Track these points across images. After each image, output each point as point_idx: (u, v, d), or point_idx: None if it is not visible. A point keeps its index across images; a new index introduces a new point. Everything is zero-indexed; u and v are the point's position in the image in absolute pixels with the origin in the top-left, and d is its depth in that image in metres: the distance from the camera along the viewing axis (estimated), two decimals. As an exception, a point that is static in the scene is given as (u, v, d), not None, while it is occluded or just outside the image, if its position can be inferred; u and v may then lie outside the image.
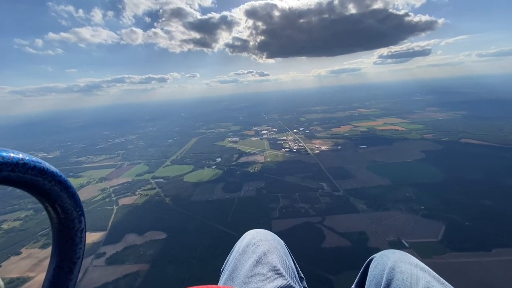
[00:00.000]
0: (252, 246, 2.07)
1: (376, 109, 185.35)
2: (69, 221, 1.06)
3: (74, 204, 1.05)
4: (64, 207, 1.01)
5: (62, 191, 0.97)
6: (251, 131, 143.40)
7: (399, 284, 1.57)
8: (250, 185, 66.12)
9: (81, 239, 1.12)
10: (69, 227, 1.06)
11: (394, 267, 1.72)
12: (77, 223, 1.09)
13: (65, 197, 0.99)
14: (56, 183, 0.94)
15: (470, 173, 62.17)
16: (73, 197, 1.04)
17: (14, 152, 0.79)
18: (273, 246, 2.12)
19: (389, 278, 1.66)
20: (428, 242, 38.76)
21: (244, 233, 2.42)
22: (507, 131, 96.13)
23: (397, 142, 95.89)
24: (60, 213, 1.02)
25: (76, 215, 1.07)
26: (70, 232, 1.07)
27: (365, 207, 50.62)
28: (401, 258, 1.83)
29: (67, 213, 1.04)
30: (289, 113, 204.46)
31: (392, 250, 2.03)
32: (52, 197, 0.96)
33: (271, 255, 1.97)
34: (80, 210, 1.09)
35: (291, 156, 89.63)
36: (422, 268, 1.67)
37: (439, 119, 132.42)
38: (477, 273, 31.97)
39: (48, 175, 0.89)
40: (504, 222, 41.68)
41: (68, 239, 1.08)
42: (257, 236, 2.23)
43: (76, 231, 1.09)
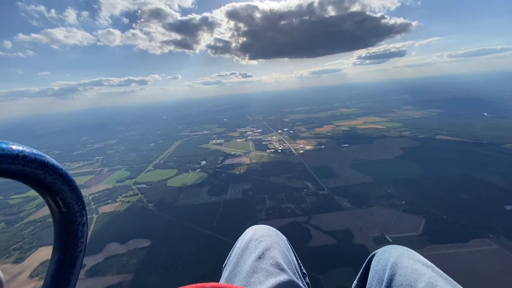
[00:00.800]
0: (255, 242, 2.07)
1: (357, 109, 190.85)
2: (70, 215, 1.06)
3: (76, 198, 1.05)
4: (65, 201, 1.02)
5: (63, 184, 0.97)
6: (235, 133, 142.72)
7: (401, 279, 1.57)
8: (236, 187, 65.62)
9: (83, 233, 1.13)
10: (70, 220, 1.07)
11: (396, 263, 1.71)
12: (79, 217, 1.09)
13: (66, 191, 1.00)
14: (57, 177, 0.94)
15: (445, 168, 65.37)
16: (75, 190, 1.04)
17: (15, 144, 0.79)
18: (276, 241, 2.11)
19: (392, 273, 1.65)
20: (410, 236, 40.17)
21: (246, 229, 2.40)
22: (477, 127, 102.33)
23: (377, 140, 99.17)
24: (62, 206, 1.02)
25: (78, 208, 1.08)
26: (71, 226, 1.08)
27: (349, 205, 51.72)
28: (403, 253, 1.81)
29: (69, 206, 1.04)
30: (273, 114, 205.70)
31: (394, 245, 2.01)
32: (53, 191, 0.96)
33: (273, 250, 1.96)
34: (81, 203, 1.09)
35: (276, 156, 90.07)
36: (425, 263, 1.65)
37: (415, 117, 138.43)
38: (457, 264, 33.51)
39: (48, 168, 0.89)
40: (479, 214, 44.11)
41: (70, 233, 1.08)
42: (259, 232, 2.23)
43: (78, 224, 1.09)
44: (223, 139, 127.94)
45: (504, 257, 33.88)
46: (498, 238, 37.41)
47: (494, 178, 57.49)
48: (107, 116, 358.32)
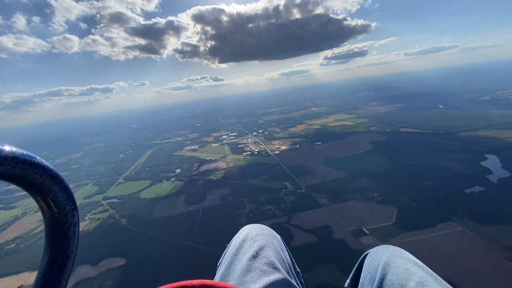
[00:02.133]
0: (249, 241, 2.08)
1: (326, 107, 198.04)
2: (62, 215, 1.06)
3: (67, 198, 1.06)
4: (56, 201, 1.02)
5: (54, 185, 0.97)
6: (210, 138, 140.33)
7: (393, 279, 1.61)
8: (214, 193, 64.19)
9: (74, 233, 1.13)
10: (62, 221, 1.07)
11: (388, 262, 1.76)
12: (70, 217, 1.10)
13: (57, 191, 1.00)
14: (47, 177, 0.94)
15: (411, 158, 69.98)
16: (66, 191, 1.04)
17: (4, 145, 0.78)
18: (270, 241, 2.11)
19: (383, 273, 1.70)
20: (385, 227, 42.12)
21: (241, 228, 2.41)
22: (435, 119, 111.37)
23: (348, 136, 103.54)
24: (53, 207, 1.03)
25: (69, 209, 1.08)
26: (63, 226, 1.08)
27: (327, 201, 53.05)
28: (395, 253, 1.86)
29: (60, 207, 1.04)
30: (247, 117, 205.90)
31: (387, 245, 2.05)
32: (44, 191, 0.96)
33: (267, 249, 1.98)
34: (73, 204, 1.10)
35: (253, 159, 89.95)
36: (416, 263, 1.71)
37: (380, 112, 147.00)
38: (427, 248, 35.71)
39: (39, 169, 0.89)
40: (443, 199, 47.64)
41: (61, 233, 1.09)
42: (254, 231, 2.23)
43: (69, 225, 1.10)
44: (197, 145, 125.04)
45: (468, 238, 36.84)
46: (462, 220, 40.66)
47: (453, 164, 62.69)
48: (70, 128, 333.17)
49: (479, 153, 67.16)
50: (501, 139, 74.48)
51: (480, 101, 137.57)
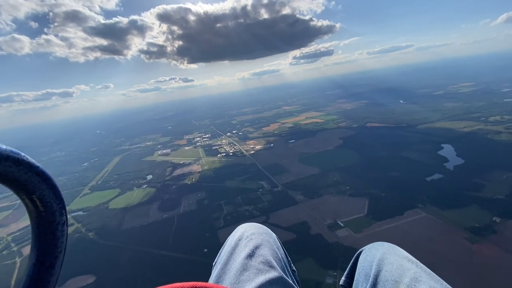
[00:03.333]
0: (245, 240, 2.08)
1: (298, 106, 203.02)
2: (49, 214, 1.02)
3: (54, 197, 1.02)
4: (43, 200, 0.98)
5: (40, 183, 0.94)
6: (183, 141, 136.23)
7: (387, 275, 1.63)
8: (189, 198, 62.30)
9: (63, 232, 1.10)
10: (49, 220, 1.03)
11: (382, 259, 1.77)
12: (58, 216, 1.06)
13: (43, 189, 0.96)
14: (33, 175, 0.90)
15: (378, 151, 74.22)
16: (53, 189, 1.01)
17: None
18: (266, 239, 2.11)
19: (378, 269, 1.71)
20: (358, 218, 44.05)
21: (236, 227, 2.38)
22: (397, 113, 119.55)
23: (319, 133, 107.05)
24: (39, 206, 0.98)
25: (57, 207, 1.04)
26: (50, 225, 1.04)
27: (303, 198, 54.19)
28: (389, 250, 1.87)
29: (47, 206, 1.00)
30: (220, 118, 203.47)
31: (381, 242, 2.05)
32: (29, 189, 0.92)
33: (263, 248, 1.98)
34: (60, 202, 1.06)
35: (228, 160, 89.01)
36: (410, 259, 1.73)
37: (348, 109, 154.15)
38: (397, 235, 37.99)
39: (23, 165, 0.86)
40: (408, 188, 51.16)
41: (48, 233, 1.04)
42: (249, 230, 2.22)
43: (57, 224, 1.06)
44: (169, 149, 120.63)
45: (432, 222, 39.93)
46: (425, 206, 43.95)
47: (414, 155, 67.69)
48: (24, 137, 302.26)
49: (436, 143, 73.30)
50: (454, 130, 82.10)
51: (434, 96, 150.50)
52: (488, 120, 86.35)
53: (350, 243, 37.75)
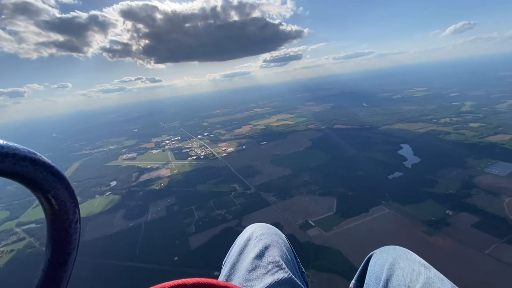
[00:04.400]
0: (254, 240, 2.10)
1: (269, 108, 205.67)
2: (63, 212, 1.06)
3: (68, 195, 1.06)
4: (57, 198, 1.02)
5: (55, 182, 0.98)
6: (150, 144, 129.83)
7: (399, 279, 1.59)
8: (158, 204, 59.33)
9: (76, 230, 1.14)
10: (63, 218, 1.07)
11: (394, 263, 1.74)
12: (72, 214, 1.10)
13: (58, 188, 1.00)
14: (48, 174, 0.94)
15: (344, 152, 77.84)
16: (67, 188, 1.05)
17: (4, 142, 0.78)
18: (275, 240, 2.12)
19: (389, 274, 1.68)
20: (327, 217, 45.52)
21: (246, 227, 2.41)
22: (361, 115, 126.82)
23: (290, 134, 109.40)
24: (54, 204, 1.03)
25: (70, 206, 1.08)
26: (64, 223, 1.08)
27: (275, 199, 54.64)
28: (401, 254, 1.84)
29: (61, 204, 1.04)
30: (190, 119, 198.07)
31: (392, 246, 2.01)
32: (45, 188, 0.96)
33: (272, 249, 1.99)
34: (74, 201, 1.10)
35: (200, 163, 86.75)
36: (423, 264, 1.68)
37: (316, 111, 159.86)
38: (363, 232, 39.96)
39: (39, 165, 0.89)
40: (372, 186, 54.19)
41: (62, 230, 1.09)
42: (258, 230, 2.24)
43: (71, 222, 1.10)
44: (135, 153, 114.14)
45: (394, 217, 42.70)
46: (388, 203, 46.91)
47: (377, 154, 72.18)
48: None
49: (396, 143, 78.98)
50: (411, 131, 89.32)
51: (393, 99, 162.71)
52: (439, 122, 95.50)
53: (321, 242, 38.76)
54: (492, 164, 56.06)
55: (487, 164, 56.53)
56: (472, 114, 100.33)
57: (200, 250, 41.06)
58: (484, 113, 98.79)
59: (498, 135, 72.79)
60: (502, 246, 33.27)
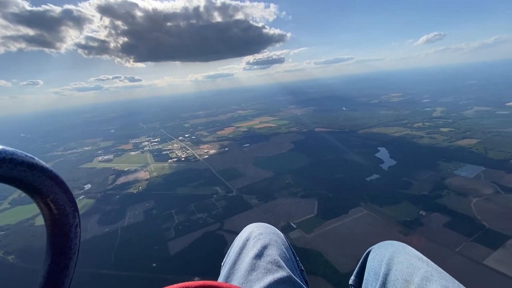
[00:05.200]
0: (253, 240, 2.10)
1: (252, 110, 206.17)
2: (62, 217, 1.05)
3: (67, 200, 1.05)
4: (56, 203, 1.01)
5: (54, 186, 0.96)
6: (128, 145, 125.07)
7: (397, 274, 1.61)
8: (135, 208, 57.03)
9: (76, 234, 1.13)
10: (63, 222, 1.06)
11: (392, 258, 1.77)
12: (71, 218, 1.08)
13: (57, 193, 0.99)
14: (46, 178, 0.92)
15: (325, 154, 79.49)
16: (66, 192, 1.03)
17: (1, 147, 0.77)
18: (273, 239, 2.13)
19: (388, 268, 1.71)
20: (309, 219, 46.07)
21: (244, 228, 2.42)
22: (341, 119, 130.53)
23: (272, 137, 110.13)
24: (53, 208, 1.01)
25: (70, 210, 1.07)
26: (64, 227, 1.07)
27: (257, 201, 54.50)
28: (399, 249, 1.87)
29: (60, 208, 1.03)
30: (171, 120, 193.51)
31: (390, 241, 2.04)
32: (43, 193, 0.95)
33: (271, 248, 2.00)
34: (73, 205, 1.09)
35: (180, 165, 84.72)
36: (420, 258, 1.71)
37: (298, 114, 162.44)
38: (343, 233, 40.83)
39: (37, 170, 0.88)
40: (352, 188, 55.70)
41: (62, 235, 1.08)
42: (257, 230, 2.25)
43: (71, 226, 1.09)
44: (112, 154, 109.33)
45: (372, 218, 44.07)
46: (366, 204, 48.37)
47: (356, 157, 74.44)
48: None
49: (373, 146, 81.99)
50: (388, 134, 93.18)
51: (371, 104, 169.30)
52: (413, 126, 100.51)
53: (303, 244, 39.07)
54: (460, 167, 59.76)
55: (456, 166, 60.18)
56: (443, 119, 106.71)
57: (180, 255, 39.87)
58: (453, 118, 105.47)
59: (466, 139, 77.92)
60: (470, 244, 35.40)
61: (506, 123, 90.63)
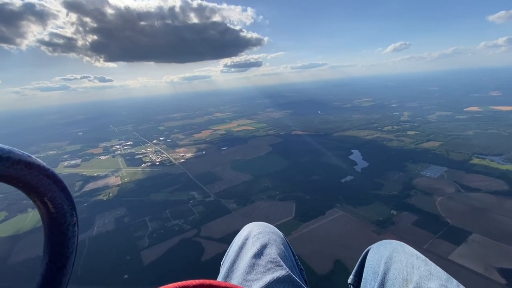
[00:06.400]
0: (252, 239, 2.11)
1: (229, 113, 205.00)
2: (60, 216, 1.05)
3: (65, 198, 1.05)
4: (54, 201, 1.00)
5: (51, 185, 0.96)
6: (97, 149, 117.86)
7: (396, 273, 1.63)
8: (105, 216, 53.56)
9: (74, 233, 1.12)
10: (60, 221, 1.06)
11: (391, 257, 1.78)
12: (69, 217, 1.08)
13: (54, 191, 0.99)
14: (44, 177, 0.92)
15: (302, 157, 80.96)
16: (63, 190, 1.04)
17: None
18: (273, 238, 2.14)
19: (386, 267, 1.72)
20: (287, 221, 46.34)
21: (243, 227, 2.42)
22: (316, 122, 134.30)
23: (251, 140, 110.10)
24: (50, 207, 1.01)
25: (67, 209, 1.06)
26: (61, 226, 1.06)
27: (236, 206, 53.82)
28: (398, 248, 1.87)
29: (58, 207, 1.03)
30: (145, 123, 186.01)
31: (389, 240, 2.06)
32: (40, 192, 0.94)
33: (270, 247, 2.01)
34: (71, 204, 1.08)
35: (155, 170, 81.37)
36: (419, 257, 1.72)
37: (275, 117, 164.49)
38: (320, 235, 41.57)
39: (34, 168, 0.88)
40: (327, 189, 57.11)
41: (60, 234, 1.07)
42: (256, 229, 2.25)
43: (68, 225, 1.08)
44: (79, 159, 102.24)
45: (347, 219, 45.41)
46: (342, 205, 49.80)
47: (331, 159, 76.70)
48: None
49: (347, 149, 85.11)
50: (360, 137, 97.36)
51: (344, 108, 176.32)
52: (383, 129, 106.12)
53: (281, 247, 39.01)
54: (426, 168, 63.94)
55: (422, 167, 64.31)
56: (409, 123, 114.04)
57: (155, 265, 37.96)
58: (419, 122, 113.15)
59: (430, 142, 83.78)
60: (436, 241, 37.76)
61: (464, 126, 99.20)
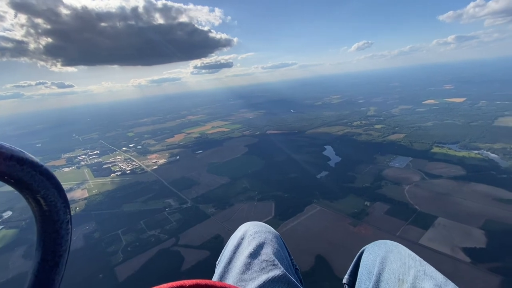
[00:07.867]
0: (248, 239, 2.13)
1: (203, 115, 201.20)
2: (53, 213, 1.02)
3: (58, 195, 1.02)
4: (47, 199, 0.98)
5: (44, 182, 0.94)
6: (60, 161, 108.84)
7: (390, 273, 1.64)
8: (72, 233, 49.31)
9: (67, 231, 1.10)
10: (53, 219, 1.03)
11: (386, 257, 1.79)
12: (62, 215, 1.06)
13: (48, 188, 0.96)
14: (37, 174, 0.89)
15: (278, 156, 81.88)
16: (57, 187, 1.01)
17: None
18: (268, 238, 2.15)
19: (381, 267, 1.73)
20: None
21: (239, 226, 2.42)
22: (289, 121, 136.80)
23: (226, 142, 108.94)
24: (43, 205, 0.99)
25: (61, 206, 1.04)
26: (54, 224, 1.04)
27: (214, 210, 52.76)
28: (392, 248, 1.89)
29: (51, 205, 1.00)
30: (112, 130, 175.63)
31: (384, 240, 2.08)
32: (33, 189, 0.92)
33: (266, 247, 2.03)
34: (64, 201, 1.06)
35: (125, 179, 77.01)
36: (413, 257, 1.74)
37: (250, 118, 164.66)
38: (299, 230, 42.34)
39: (27, 165, 0.85)
40: (304, 186, 58.29)
41: (52, 232, 1.05)
42: (252, 229, 2.26)
43: (61, 223, 1.06)
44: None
45: (325, 214, 46.72)
46: (319, 200, 51.13)
47: (306, 156, 78.57)
48: None
49: (320, 145, 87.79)
50: (332, 133, 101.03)
51: (315, 106, 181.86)
52: (353, 124, 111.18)
53: (263, 248, 38.96)
54: (393, 159, 68.09)
55: (390, 159, 68.38)
56: (376, 117, 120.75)
57: (131, 280, 35.79)
58: (384, 116, 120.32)
59: (395, 134, 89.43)
60: (407, 228, 40.24)
61: (424, 118, 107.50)
